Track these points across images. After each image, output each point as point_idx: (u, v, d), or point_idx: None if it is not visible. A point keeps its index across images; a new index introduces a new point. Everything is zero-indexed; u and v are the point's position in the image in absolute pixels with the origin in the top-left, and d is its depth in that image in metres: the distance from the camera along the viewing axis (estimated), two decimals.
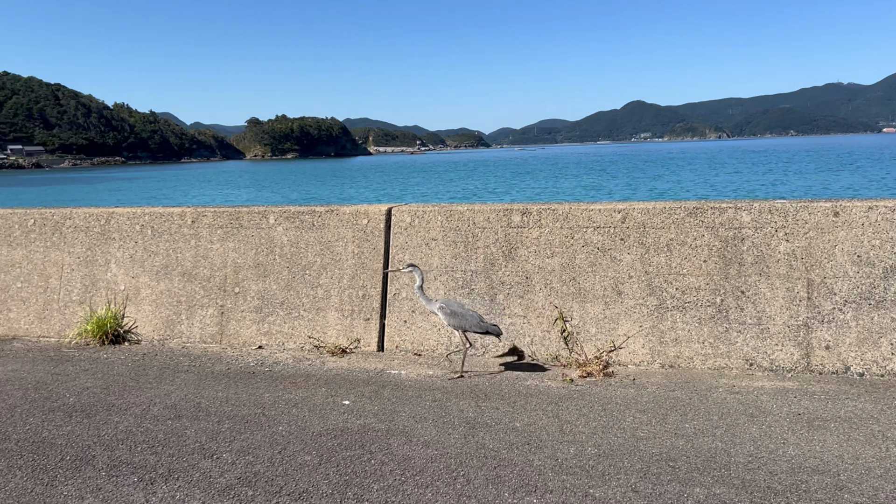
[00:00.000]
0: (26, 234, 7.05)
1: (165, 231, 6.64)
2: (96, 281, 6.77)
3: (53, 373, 5.59)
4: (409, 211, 6.04)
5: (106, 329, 6.42)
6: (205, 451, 3.97)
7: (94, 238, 6.83)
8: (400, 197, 57.34)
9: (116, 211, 6.86)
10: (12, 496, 3.49)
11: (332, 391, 4.97)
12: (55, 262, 6.91)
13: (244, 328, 6.34)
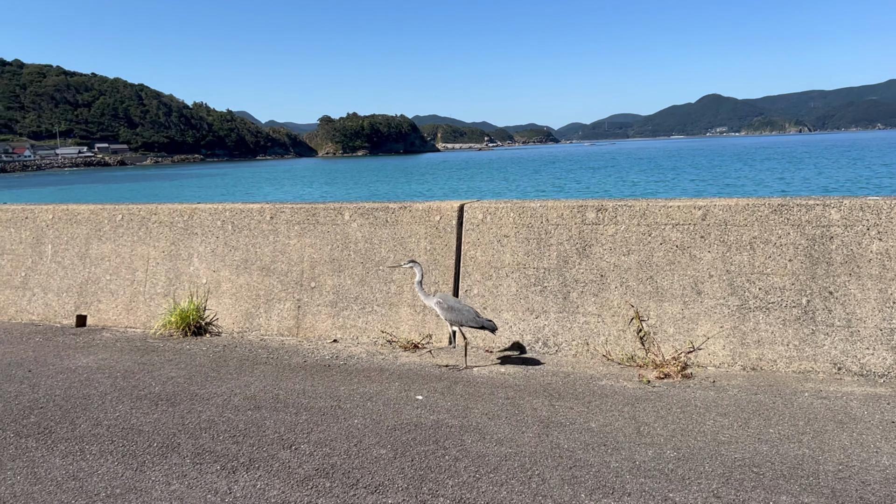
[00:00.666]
0: (115, 229, 7.38)
1: (245, 227, 6.83)
2: (180, 274, 7.03)
3: (140, 362, 5.84)
4: (481, 207, 6.03)
5: (189, 321, 6.66)
6: (284, 441, 4.06)
7: (178, 233, 7.10)
8: (467, 193, 57.42)
9: (199, 207, 7.10)
10: (104, 480, 3.66)
11: (406, 386, 5.01)
12: (141, 256, 7.21)
13: (320, 322, 6.47)
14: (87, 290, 7.37)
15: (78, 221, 7.53)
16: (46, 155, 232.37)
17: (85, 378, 5.40)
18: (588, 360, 5.44)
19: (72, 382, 5.30)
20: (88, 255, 7.41)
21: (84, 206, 7.58)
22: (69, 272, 7.47)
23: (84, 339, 6.66)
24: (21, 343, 6.60)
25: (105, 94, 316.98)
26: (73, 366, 5.77)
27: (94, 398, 4.93)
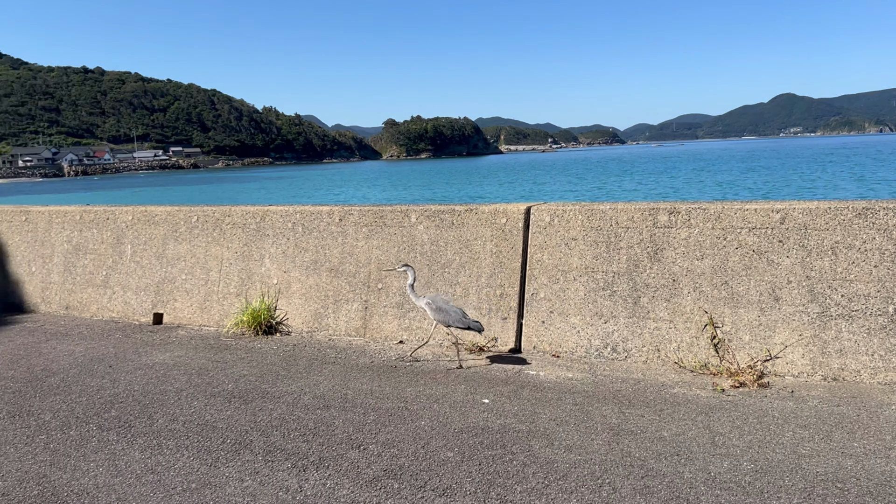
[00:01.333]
0: (190, 230, 7.62)
1: (315, 228, 6.95)
2: (251, 275, 7.21)
3: (213, 360, 6.01)
4: (548, 210, 5.97)
5: (260, 320, 6.82)
6: (352, 441, 4.10)
7: (251, 234, 7.28)
8: (531, 195, 57.05)
9: (270, 209, 7.26)
10: (181, 474, 3.77)
11: (472, 389, 5.00)
12: (215, 257, 7.43)
13: (386, 323, 6.52)
14: (163, 288, 7.64)
15: (156, 222, 7.81)
16: (124, 158, 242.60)
17: (162, 374, 5.59)
18: (659, 367, 5.31)
19: (149, 378, 5.49)
20: (165, 255, 7.68)
21: (161, 208, 7.86)
22: (147, 271, 7.76)
23: (161, 337, 6.90)
24: (102, 339, 6.88)
25: (179, 99, 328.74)
26: (150, 362, 5.98)
27: (170, 394, 5.09)
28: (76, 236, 8.25)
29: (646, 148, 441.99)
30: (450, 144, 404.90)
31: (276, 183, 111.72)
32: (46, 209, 8.57)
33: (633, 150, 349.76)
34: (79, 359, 6.14)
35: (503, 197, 57.62)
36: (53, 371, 5.77)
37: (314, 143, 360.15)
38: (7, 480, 3.76)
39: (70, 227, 8.31)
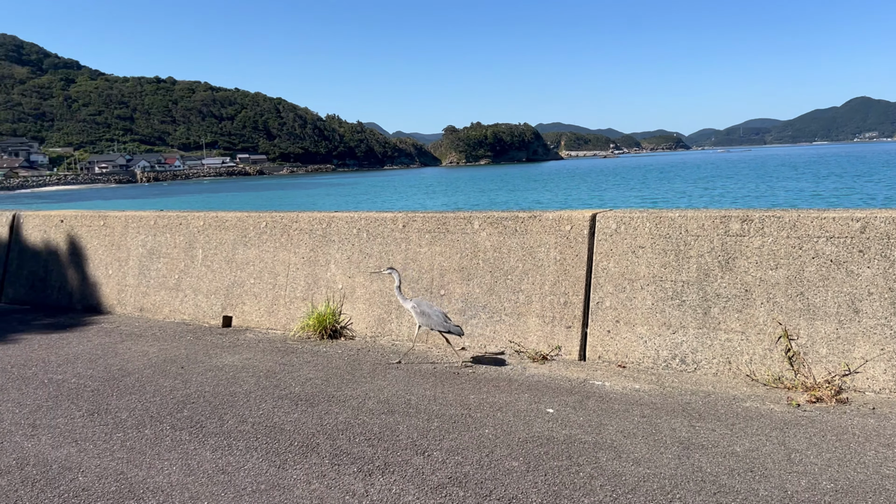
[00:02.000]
0: (259, 236, 7.80)
1: (379, 234, 7.03)
2: (317, 279, 7.33)
3: (280, 363, 6.12)
4: (614, 217, 5.87)
5: (325, 324, 6.92)
6: (417, 447, 4.12)
7: (317, 240, 7.40)
8: (591, 202, 56.37)
9: (336, 215, 7.37)
10: (251, 475, 3.85)
11: (535, 398, 4.95)
12: (283, 262, 7.58)
13: None
14: (232, 292, 7.84)
15: (226, 228, 8.03)
16: (194, 165, 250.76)
17: (231, 376, 5.73)
18: (730, 380, 5.15)
19: (219, 380, 5.64)
20: (235, 259, 7.89)
21: (232, 214, 8.08)
22: (217, 275, 7.98)
23: (230, 339, 7.08)
24: (174, 341, 7.11)
25: (246, 107, 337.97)
26: (220, 364, 6.14)
27: (239, 396, 5.21)
28: (150, 241, 8.56)
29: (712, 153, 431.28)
30: (509, 150, 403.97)
31: (338, 189, 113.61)
32: (123, 214, 8.92)
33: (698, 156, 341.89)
34: (152, 359, 6.36)
35: (563, 203, 57.11)
36: (129, 371, 5.99)
37: (375, 150, 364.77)
38: (87, 476, 3.91)
39: (145, 232, 8.62)
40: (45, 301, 9.34)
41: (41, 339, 7.35)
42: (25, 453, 4.25)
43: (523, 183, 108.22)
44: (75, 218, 9.30)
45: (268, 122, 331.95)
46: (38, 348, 6.91)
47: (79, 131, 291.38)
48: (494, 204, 62.05)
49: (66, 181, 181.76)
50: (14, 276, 9.78)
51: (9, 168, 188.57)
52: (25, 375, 5.93)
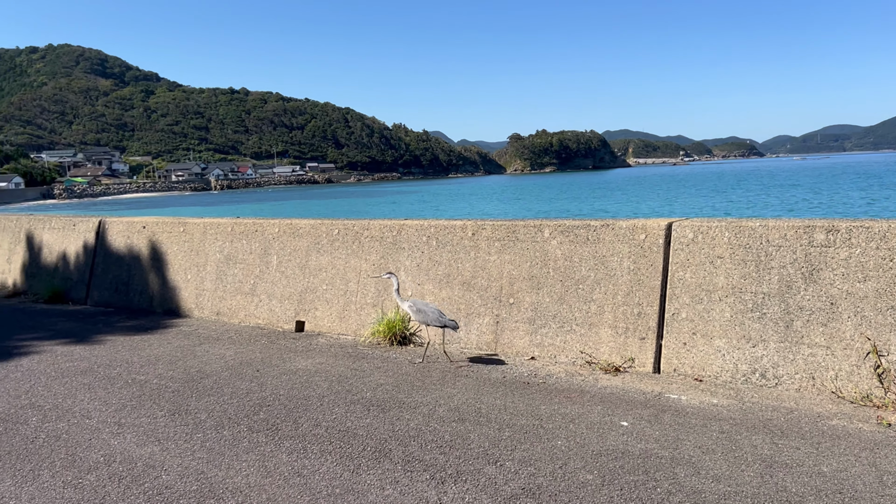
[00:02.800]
0: (331, 243, 7.94)
1: (448, 242, 7.05)
2: (388, 286, 7.40)
3: (352, 368, 6.21)
4: (691, 226, 5.73)
5: (395, 331, 6.99)
6: (488, 456, 4.10)
7: (387, 247, 7.49)
8: (661, 210, 55.18)
9: (406, 223, 7.44)
10: (325, 479, 3.91)
11: (608, 410, 4.86)
12: (354, 268, 7.70)
13: (517, 338, 6.49)
14: (305, 298, 8.00)
15: (300, 235, 8.21)
16: (265, 173, 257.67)
17: (305, 380, 5.84)
18: (814, 397, 4.94)
19: (293, 384, 5.75)
20: (308, 265, 8.05)
21: (305, 221, 8.26)
22: (291, 281, 8.16)
23: (303, 344, 7.22)
24: (249, 344, 7.30)
25: (316, 117, 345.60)
26: (293, 368, 6.26)
27: (313, 399, 5.31)
28: (227, 247, 8.83)
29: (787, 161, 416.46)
30: (575, 158, 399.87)
31: (403, 197, 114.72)
32: (202, 221, 9.23)
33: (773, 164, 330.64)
34: (229, 362, 6.54)
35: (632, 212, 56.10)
36: (207, 373, 6.18)
37: (440, 159, 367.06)
38: (170, 474, 4.04)
39: (222, 238, 8.90)
40: (127, 304, 9.74)
41: (124, 340, 7.67)
42: (112, 450, 4.42)
43: (590, 191, 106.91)
44: (156, 224, 9.68)
45: (336, 131, 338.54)
46: (122, 349, 7.21)
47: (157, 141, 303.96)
48: (561, 212, 61.49)
49: (144, 189, 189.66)
50: (99, 280, 10.24)
51: (93, 176, 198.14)
52: (111, 375, 6.20)
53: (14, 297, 11.41)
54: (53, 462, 4.28)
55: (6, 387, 5.95)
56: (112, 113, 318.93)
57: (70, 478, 4.05)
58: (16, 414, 5.21)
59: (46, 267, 11.39)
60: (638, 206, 63.84)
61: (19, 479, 4.07)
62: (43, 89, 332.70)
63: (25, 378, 6.20)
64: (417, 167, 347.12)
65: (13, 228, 12.81)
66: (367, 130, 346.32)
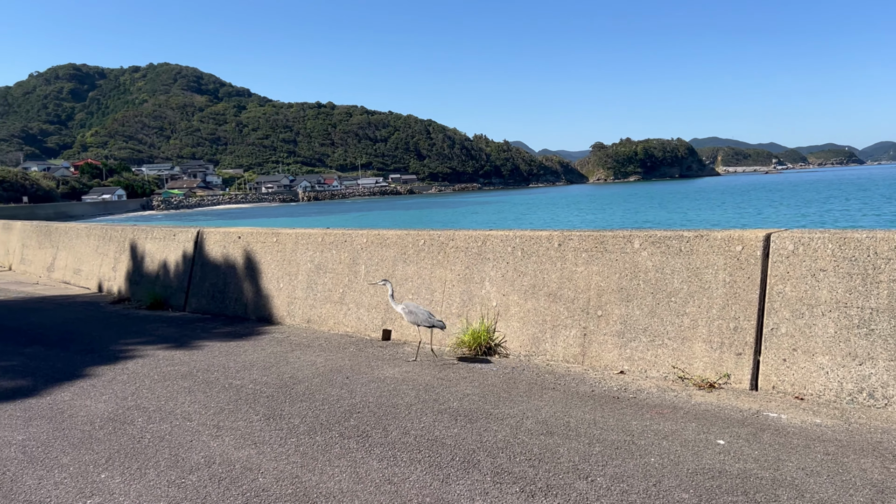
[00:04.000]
0: (417, 253, 8.04)
1: (534, 253, 7.01)
2: (472, 296, 7.43)
3: (438, 377, 6.25)
4: (791, 237, 5.48)
5: (480, 341, 6.99)
6: (578, 471, 4.03)
7: (472, 258, 7.51)
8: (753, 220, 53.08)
9: (491, 234, 7.45)
10: (415, 487, 3.94)
11: (703, 428, 4.70)
12: (439, 278, 7.76)
13: (606, 352, 6.37)
14: (391, 306, 8.12)
15: (386, 245, 8.35)
16: (350, 185, 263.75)
17: (392, 388, 5.92)
18: None
19: (382, 391, 5.84)
20: (394, 275, 8.17)
21: (392, 232, 8.39)
22: (378, 290, 8.30)
23: (389, 352, 7.33)
24: (339, 352, 7.46)
25: (399, 129, 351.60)
26: (381, 376, 6.36)
27: (401, 408, 5.37)
28: (318, 256, 9.07)
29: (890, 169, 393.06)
30: (660, 167, 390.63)
31: (483, 207, 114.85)
32: (293, 231, 9.53)
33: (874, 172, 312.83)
34: (320, 369, 6.71)
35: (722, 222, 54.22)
36: (299, 379, 6.35)
37: (521, 168, 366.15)
38: (266, 477, 4.17)
39: (313, 248, 9.16)
40: (223, 311, 10.15)
41: (221, 346, 7.99)
42: (212, 452, 4.61)
43: (678, 201, 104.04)
44: (251, 235, 10.06)
45: (418, 143, 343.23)
46: (219, 355, 7.51)
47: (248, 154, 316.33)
48: (647, 222, 60.10)
49: (236, 200, 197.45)
50: (197, 288, 10.72)
51: (188, 188, 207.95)
52: (209, 380, 6.46)
53: (119, 303, 12.09)
54: (158, 462, 4.49)
55: (114, 389, 6.29)
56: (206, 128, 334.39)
57: (174, 477, 4.24)
58: (123, 415, 5.51)
59: (148, 275, 12.01)
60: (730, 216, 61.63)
61: (127, 476, 4.29)
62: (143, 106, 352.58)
63: (131, 381, 6.55)
64: (498, 177, 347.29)
65: (118, 238, 13.59)
66: (449, 142, 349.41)
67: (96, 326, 9.68)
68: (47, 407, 5.80)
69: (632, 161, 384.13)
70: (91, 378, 6.70)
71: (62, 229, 17.01)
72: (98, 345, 8.33)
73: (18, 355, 7.88)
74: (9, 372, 7.08)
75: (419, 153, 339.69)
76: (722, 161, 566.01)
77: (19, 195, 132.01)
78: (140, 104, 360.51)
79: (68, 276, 15.63)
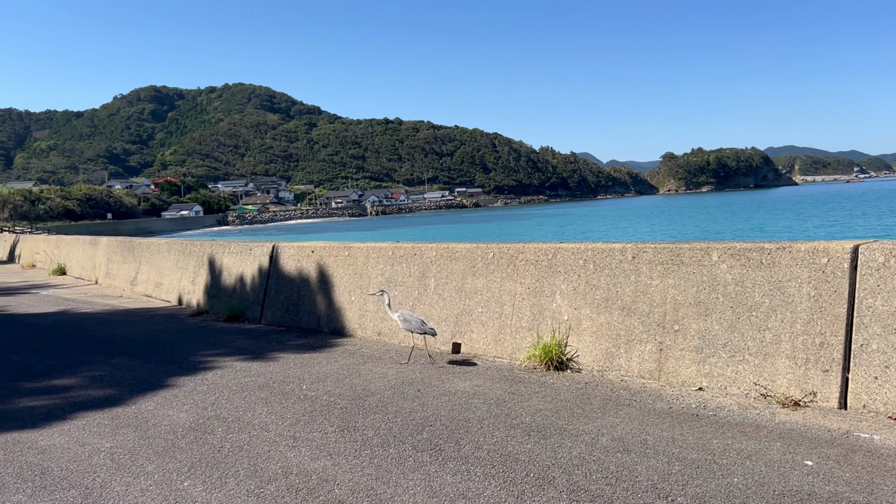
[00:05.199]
0: (486, 266, 8.03)
1: (606, 266, 6.90)
2: (543, 310, 7.36)
3: (509, 391, 6.20)
4: (881, 249, 5.22)
5: (551, 355, 6.91)
6: (658, 490, 3.92)
7: (542, 270, 7.45)
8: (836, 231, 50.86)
9: (562, 246, 7.37)
10: (490, 503, 3.91)
11: (789, 448, 4.50)
12: (509, 292, 7.72)
13: (683, 367, 6.19)
14: (461, 320, 8.13)
15: (456, 258, 8.38)
16: (416, 199, 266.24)
17: (464, 402, 5.91)
18: None
19: (453, 405, 5.83)
20: (464, 288, 8.18)
21: (461, 245, 8.41)
22: (447, 303, 8.32)
23: (460, 366, 7.32)
24: (410, 364, 7.50)
25: (465, 143, 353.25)
26: (452, 389, 6.36)
27: (473, 422, 5.35)
28: (388, 270, 9.17)
29: None
30: (734, 176, 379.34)
31: (549, 219, 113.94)
32: (364, 246, 9.67)
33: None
34: (391, 381, 6.76)
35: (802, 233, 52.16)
36: (371, 391, 6.41)
37: (588, 180, 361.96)
38: (342, 489, 4.22)
39: (383, 262, 9.27)
40: (296, 324, 10.37)
41: (295, 358, 8.15)
42: (289, 463, 4.69)
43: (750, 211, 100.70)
44: (324, 249, 10.26)
45: (484, 156, 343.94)
46: (294, 366, 7.67)
47: (319, 170, 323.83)
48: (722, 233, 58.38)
49: (307, 215, 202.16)
50: (272, 301, 10.99)
51: (261, 204, 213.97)
52: (285, 391, 6.60)
53: (198, 315, 12.51)
54: (237, 471, 4.61)
55: (195, 399, 6.50)
56: (279, 145, 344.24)
57: (252, 486, 4.33)
58: (204, 424, 5.68)
59: (225, 288, 12.40)
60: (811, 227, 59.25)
61: (209, 485, 4.41)
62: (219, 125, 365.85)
63: (210, 391, 6.75)
64: (565, 189, 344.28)
65: (197, 253, 14.09)
66: (514, 154, 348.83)
67: (177, 338, 10.03)
68: (133, 416, 6.04)
69: (704, 171, 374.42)
70: (173, 388, 6.94)
71: (144, 244, 17.75)
72: (179, 356, 8.63)
73: (106, 365, 8.25)
74: (98, 381, 7.41)
75: (485, 166, 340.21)
76: (799, 170, 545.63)
77: (104, 212, 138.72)
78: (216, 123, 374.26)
79: (150, 289, 16.29)
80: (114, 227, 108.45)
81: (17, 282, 22.41)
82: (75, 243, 24.46)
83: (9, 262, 34.11)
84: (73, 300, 16.07)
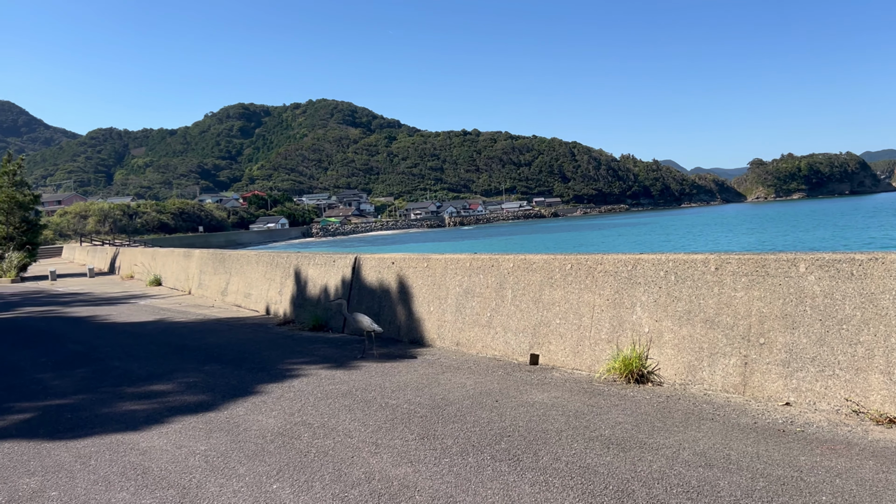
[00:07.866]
0: (564, 277, 8.03)
1: (688, 277, 6.78)
2: (622, 322, 7.29)
3: (588, 404, 6.18)
4: None
5: (631, 368, 6.84)
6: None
7: (622, 282, 7.39)
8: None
9: (642, 257, 7.29)
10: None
11: (883, 467, 4.33)
12: (587, 303, 7.69)
13: (769, 382, 6.02)
14: (539, 331, 8.15)
15: (533, 269, 8.41)
16: (494, 209, 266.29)
17: (542, 413, 5.94)
18: None
19: (531, 416, 5.87)
20: (541, 299, 8.20)
21: (538, 257, 8.44)
22: (525, 314, 8.36)
23: (537, 377, 7.35)
24: (487, 375, 7.58)
25: (543, 153, 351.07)
26: (530, 400, 6.39)
27: (551, 433, 5.37)
28: (466, 281, 9.29)
29: None
30: (827, 183, 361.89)
31: (630, 229, 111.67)
32: (443, 257, 9.83)
33: None
34: (469, 391, 6.85)
35: None
36: (450, 401, 6.52)
37: (671, 188, 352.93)
38: (422, 495, 4.33)
39: (461, 273, 9.39)
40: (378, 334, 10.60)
41: (376, 367, 8.37)
42: (371, 469, 4.85)
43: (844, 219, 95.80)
44: (403, 260, 10.48)
45: (562, 165, 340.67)
46: (375, 375, 7.88)
47: (398, 182, 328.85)
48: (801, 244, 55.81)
49: (387, 227, 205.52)
50: (354, 311, 11.29)
51: (344, 216, 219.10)
52: (367, 399, 6.80)
53: (284, 325, 12.98)
54: (323, 475, 4.79)
55: (282, 405, 6.78)
56: (360, 158, 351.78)
57: (337, 491, 4.51)
58: (291, 430, 5.92)
59: (310, 298, 12.82)
60: None
61: (296, 488, 4.61)
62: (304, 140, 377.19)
63: (297, 398, 7.02)
64: (647, 198, 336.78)
65: (283, 265, 14.63)
66: (594, 163, 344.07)
67: (265, 346, 10.45)
68: (225, 420, 6.36)
69: (794, 178, 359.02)
70: (262, 395, 7.26)
71: (234, 257, 18.55)
72: (267, 363, 9.00)
73: (199, 372, 8.69)
74: (192, 387, 7.83)
75: (563, 175, 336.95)
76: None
77: (196, 225, 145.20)
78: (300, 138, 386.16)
79: (239, 299, 16.99)
80: (205, 240, 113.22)
81: (117, 292, 23.81)
82: (170, 255, 25.77)
83: (110, 274, 36.25)
84: (169, 310, 16.95)
